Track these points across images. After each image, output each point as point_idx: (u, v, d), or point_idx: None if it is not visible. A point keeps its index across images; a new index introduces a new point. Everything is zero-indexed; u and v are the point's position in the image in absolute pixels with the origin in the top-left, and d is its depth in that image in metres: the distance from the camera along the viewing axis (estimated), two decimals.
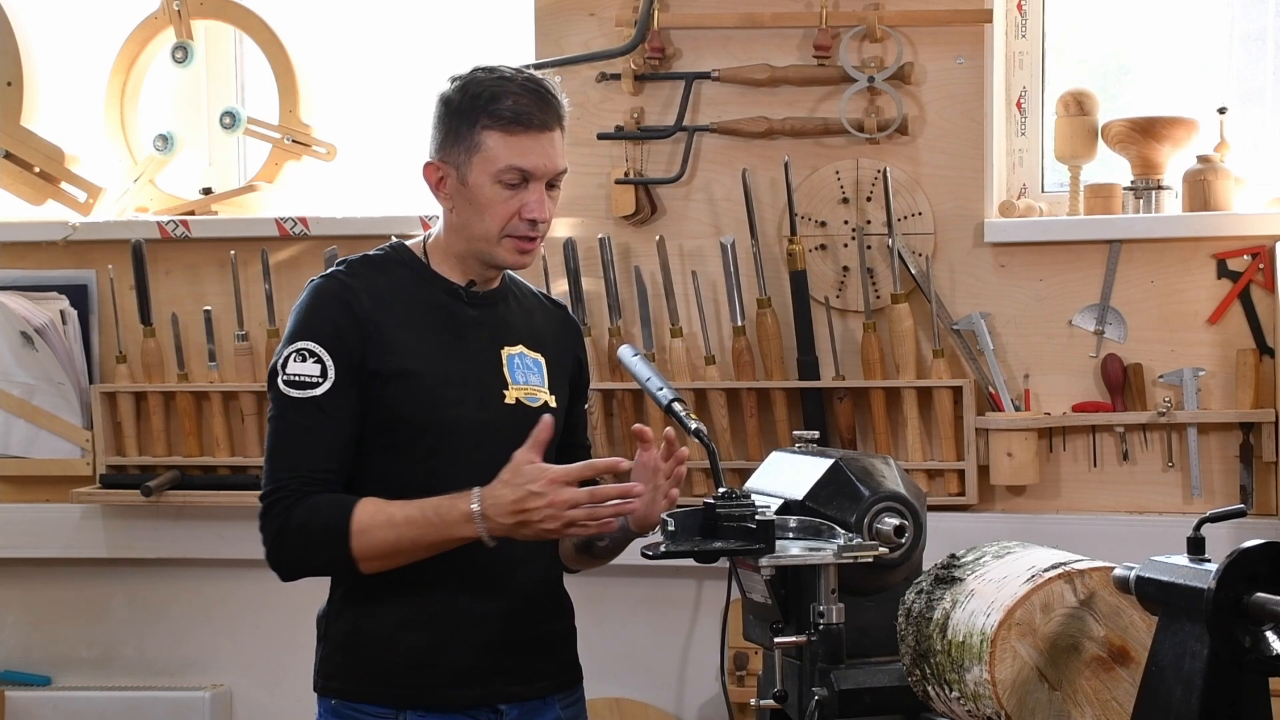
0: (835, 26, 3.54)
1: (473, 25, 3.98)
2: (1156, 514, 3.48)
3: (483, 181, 2.38)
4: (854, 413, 3.59)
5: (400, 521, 2.30)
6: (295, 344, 2.38)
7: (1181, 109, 3.50)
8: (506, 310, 2.52)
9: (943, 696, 1.97)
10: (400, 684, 2.40)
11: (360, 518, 2.31)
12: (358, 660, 2.42)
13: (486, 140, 2.37)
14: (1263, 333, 3.42)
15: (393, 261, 2.48)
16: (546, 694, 2.49)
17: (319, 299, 2.42)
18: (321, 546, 2.34)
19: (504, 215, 2.39)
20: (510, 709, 2.45)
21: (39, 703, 3.98)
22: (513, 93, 2.38)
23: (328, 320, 2.39)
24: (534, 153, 2.39)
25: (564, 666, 2.55)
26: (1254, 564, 1.63)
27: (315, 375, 2.37)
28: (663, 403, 2.40)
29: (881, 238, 3.56)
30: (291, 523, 2.34)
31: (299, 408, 2.37)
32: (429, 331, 2.42)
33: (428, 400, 2.39)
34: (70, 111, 4.08)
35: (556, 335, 2.59)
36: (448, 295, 2.45)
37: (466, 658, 2.41)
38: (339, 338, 2.38)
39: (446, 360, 2.42)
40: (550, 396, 2.51)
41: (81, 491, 3.87)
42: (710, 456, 2.31)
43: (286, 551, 2.36)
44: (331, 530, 2.32)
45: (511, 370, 2.47)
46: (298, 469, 2.36)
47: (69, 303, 3.96)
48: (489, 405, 2.43)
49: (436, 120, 2.44)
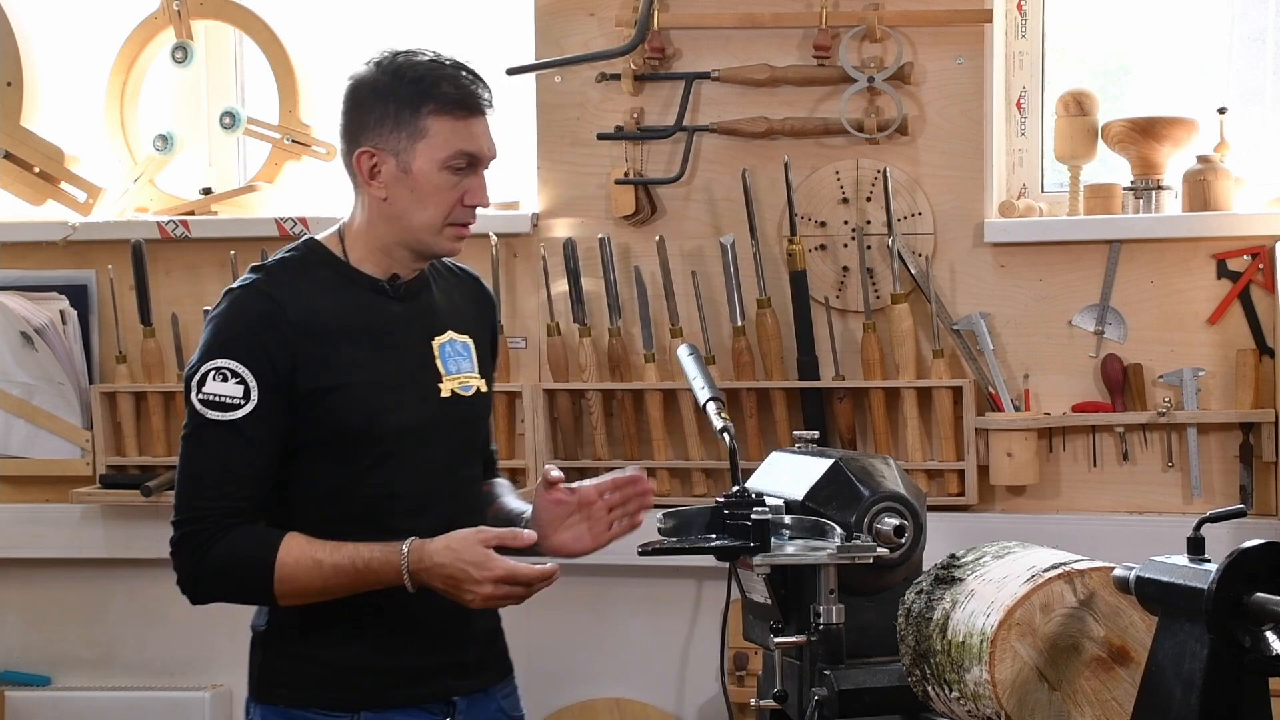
0: (835, 26, 3.54)
1: (473, 25, 3.98)
2: (1156, 514, 3.48)
3: (429, 168, 2.31)
4: (854, 413, 3.59)
5: (328, 570, 2.27)
6: (215, 360, 2.29)
7: (1181, 109, 3.50)
8: (430, 298, 2.46)
9: (943, 696, 1.97)
10: (355, 687, 2.39)
11: (285, 561, 2.27)
12: (308, 666, 2.40)
13: (433, 125, 2.30)
14: (1263, 333, 3.42)
15: (311, 263, 2.39)
16: (489, 685, 2.51)
17: (242, 313, 2.32)
18: (242, 585, 2.31)
19: (449, 203, 2.34)
20: (461, 700, 2.45)
21: (39, 703, 3.98)
22: (449, 76, 2.32)
23: (252, 338, 2.30)
24: (480, 136, 2.34)
25: (499, 658, 2.56)
26: (1254, 564, 1.63)
27: (237, 397, 2.28)
28: (699, 400, 2.42)
29: (881, 238, 3.56)
30: (211, 558, 2.29)
31: (217, 431, 2.28)
32: (360, 335, 2.36)
33: (368, 409, 2.34)
34: (70, 111, 4.08)
35: (477, 312, 2.54)
36: (373, 292, 2.39)
37: (420, 656, 2.41)
38: (265, 358, 2.29)
39: (380, 363, 2.37)
40: (481, 381, 2.48)
41: (81, 491, 3.87)
42: (731, 456, 2.31)
43: (203, 585, 2.33)
44: (255, 569, 2.28)
45: (444, 360, 2.43)
46: (217, 498, 2.29)
47: (69, 303, 3.96)
48: (427, 402, 2.40)
49: (361, 106, 2.34)
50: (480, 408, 2.51)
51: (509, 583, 2.23)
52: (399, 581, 2.26)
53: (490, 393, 2.52)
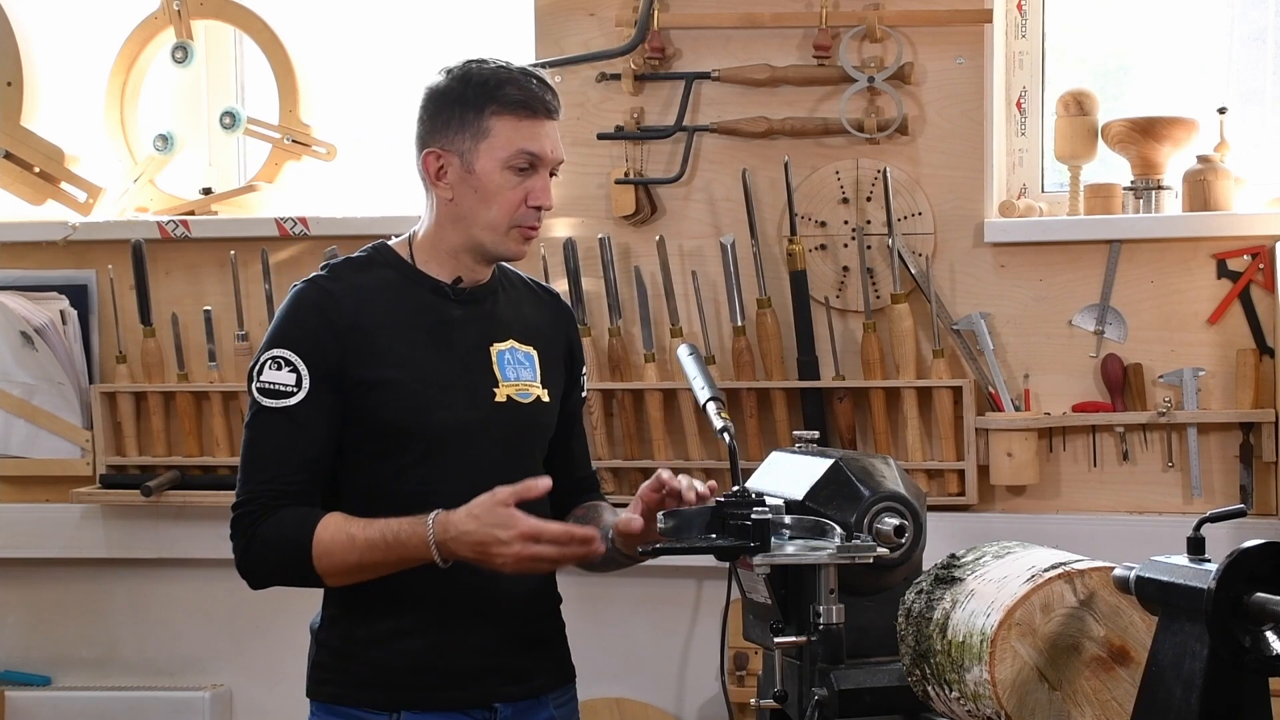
0: (835, 26, 3.54)
1: (473, 25, 3.99)
2: (1156, 514, 3.48)
3: (491, 168, 2.36)
4: (854, 413, 3.59)
5: (361, 545, 2.30)
6: (272, 350, 2.37)
7: (1181, 109, 3.50)
8: (495, 305, 2.49)
9: (943, 696, 1.97)
10: (396, 687, 2.40)
11: (322, 537, 2.31)
12: (352, 665, 2.42)
13: (495, 125, 2.36)
14: (1263, 333, 3.42)
15: (376, 263, 2.45)
16: (540, 693, 2.50)
17: (299, 306, 2.40)
18: (287, 562, 2.34)
19: (512, 203, 2.38)
20: (504, 708, 2.45)
21: (39, 703, 3.98)
22: (514, 79, 2.38)
23: (305, 328, 2.37)
24: (543, 137, 2.38)
25: (557, 665, 2.55)
26: (1254, 564, 1.63)
27: (290, 385, 2.35)
28: (699, 400, 2.42)
29: (881, 238, 3.56)
30: (258, 537, 2.34)
31: (271, 417, 2.36)
32: (413, 334, 2.40)
33: (413, 405, 2.37)
34: (70, 111, 4.08)
35: (549, 325, 2.57)
36: (434, 294, 2.43)
37: (462, 660, 2.41)
38: (316, 347, 2.36)
39: (432, 362, 2.39)
40: (543, 391, 2.49)
41: (81, 491, 3.87)
42: (731, 456, 2.31)
43: (254, 564, 2.37)
44: (295, 547, 2.32)
45: (502, 367, 2.45)
46: (268, 481, 2.35)
47: (69, 303, 3.96)
48: (479, 405, 2.42)
49: (432, 111, 2.41)
50: (540, 415, 2.51)
51: (535, 540, 2.21)
52: (428, 555, 2.26)
53: (553, 405, 2.52)
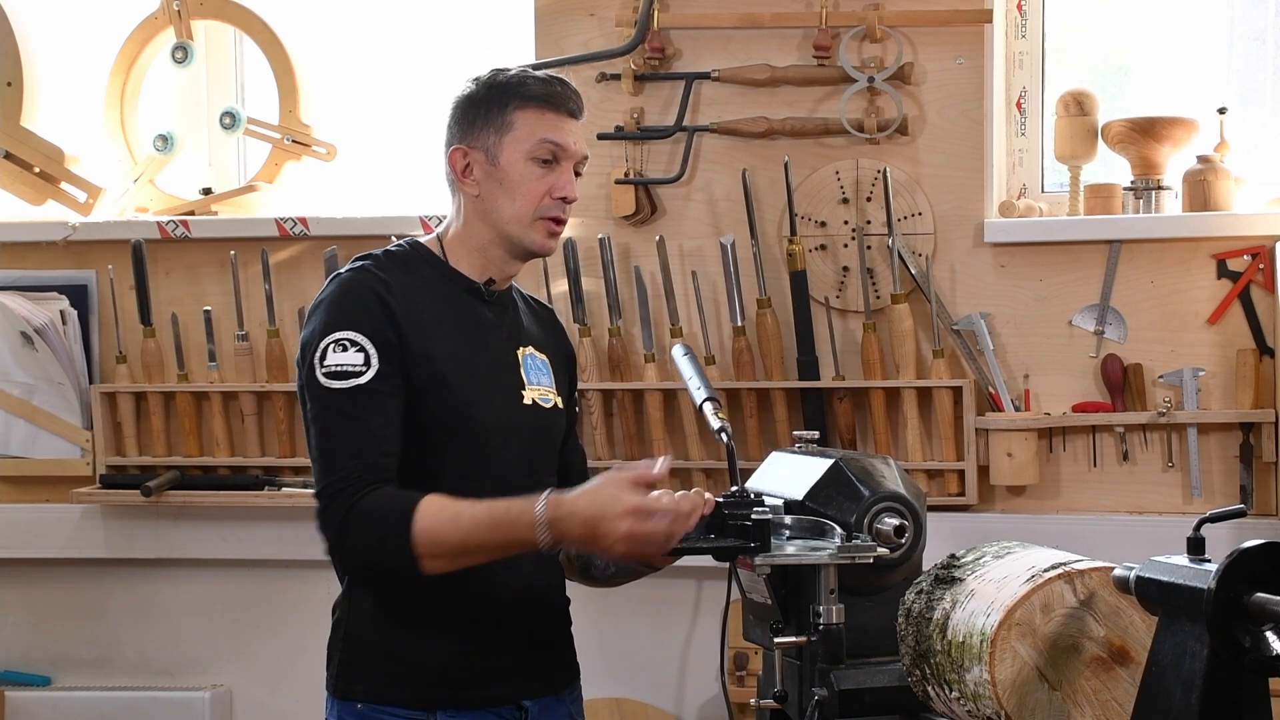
0: (835, 26, 3.54)
1: (473, 25, 3.99)
2: (1156, 514, 3.48)
3: (515, 159, 2.39)
4: (854, 413, 3.59)
5: (467, 523, 2.22)
6: (333, 334, 2.31)
7: (1181, 109, 3.50)
8: (516, 312, 2.53)
9: (943, 696, 1.97)
10: (433, 685, 2.39)
11: (426, 512, 2.22)
12: (388, 665, 2.40)
13: (519, 118, 2.39)
14: (1262, 333, 3.42)
15: (415, 259, 2.45)
16: (559, 690, 2.52)
17: (354, 290, 2.36)
18: (386, 539, 2.23)
19: (536, 194, 2.40)
20: (533, 705, 2.46)
21: (39, 703, 3.98)
22: (540, 79, 2.43)
23: (367, 309, 2.33)
24: (565, 130, 2.42)
25: (570, 663, 2.58)
26: (1254, 564, 1.63)
27: (359, 364, 2.30)
28: (696, 401, 2.43)
29: (881, 238, 3.56)
30: (358, 511, 2.24)
31: (346, 398, 2.29)
32: (455, 331, 2.41)
33: (459, 401, 2.37)
34: (70, 111, 4.08)
35: (553, 338, 2.61)
36: (468, 294, 2.45)
37: (497, 659, 2.42)
38: (380, 329, 2.32)
39: (472, 360, 2.41)
40: (558, 398, 2.54)
41: (81, 491, 3.87)
42: (729, 456, 2.32)
43: (354, 541, 2.25)
44: (400, 522, 2.21)
45: (527, 370, 2.48)
46: (360, 457, 2.27)
47: (69, 303, 3.96)
48: (510, 405, 2.44)
49: (458, 115, 2.44)
50: (558, 420, 2.54)
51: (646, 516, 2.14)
52: (532, 537, 2.19)
53: (565, 412, 2.56)
